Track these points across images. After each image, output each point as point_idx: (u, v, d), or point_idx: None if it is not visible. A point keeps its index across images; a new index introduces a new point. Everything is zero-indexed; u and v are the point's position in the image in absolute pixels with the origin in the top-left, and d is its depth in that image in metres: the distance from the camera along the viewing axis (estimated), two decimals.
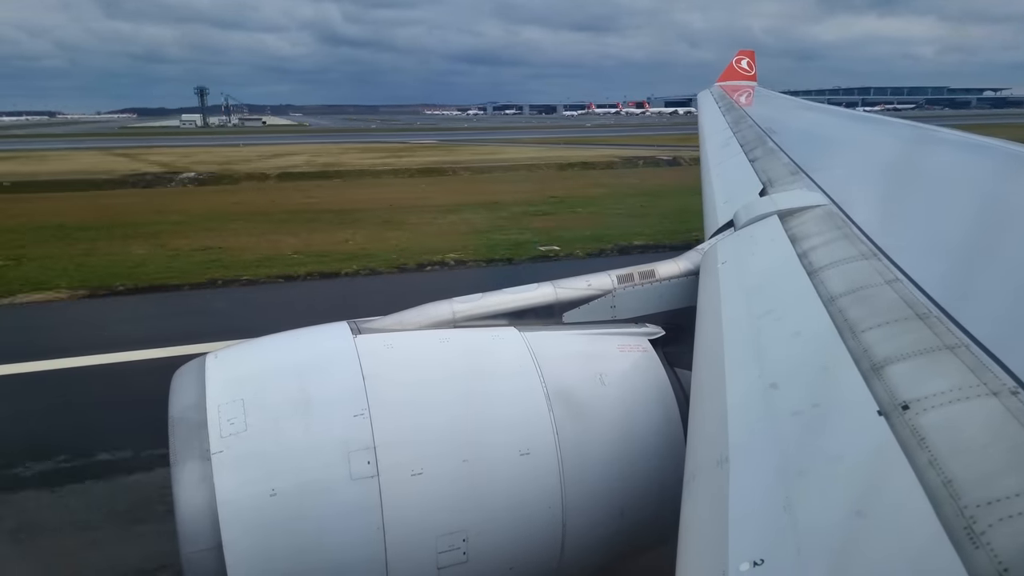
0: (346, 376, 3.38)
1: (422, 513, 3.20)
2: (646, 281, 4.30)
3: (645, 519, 3.66)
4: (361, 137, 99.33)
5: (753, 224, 4.49)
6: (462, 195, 33.87)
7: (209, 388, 3.35)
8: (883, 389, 2.07)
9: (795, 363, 2.61)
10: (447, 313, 3.96)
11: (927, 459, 1.72)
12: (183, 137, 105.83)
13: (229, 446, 3.11)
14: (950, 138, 7.05)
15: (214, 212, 28.81)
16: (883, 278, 2.85)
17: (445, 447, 3.29)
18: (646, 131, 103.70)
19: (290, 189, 37.73)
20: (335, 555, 3.12)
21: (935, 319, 2.37)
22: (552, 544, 3.47)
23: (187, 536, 3.00)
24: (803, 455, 2.05)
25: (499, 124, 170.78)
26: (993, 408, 1.83)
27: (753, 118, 11.47)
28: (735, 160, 7.97)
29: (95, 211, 29.12)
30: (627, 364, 3.85)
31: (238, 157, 57.98)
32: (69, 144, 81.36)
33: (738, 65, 23.85)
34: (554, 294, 4.16)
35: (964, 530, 1.49)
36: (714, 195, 6.67)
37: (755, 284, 3.58)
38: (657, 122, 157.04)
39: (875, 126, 10.12)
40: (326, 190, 36.87)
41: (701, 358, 3.08)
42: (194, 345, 13.19)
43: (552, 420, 3.46)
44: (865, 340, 2.38)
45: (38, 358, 12.33)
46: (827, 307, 2.77)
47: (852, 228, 3.69)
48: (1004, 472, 1.61)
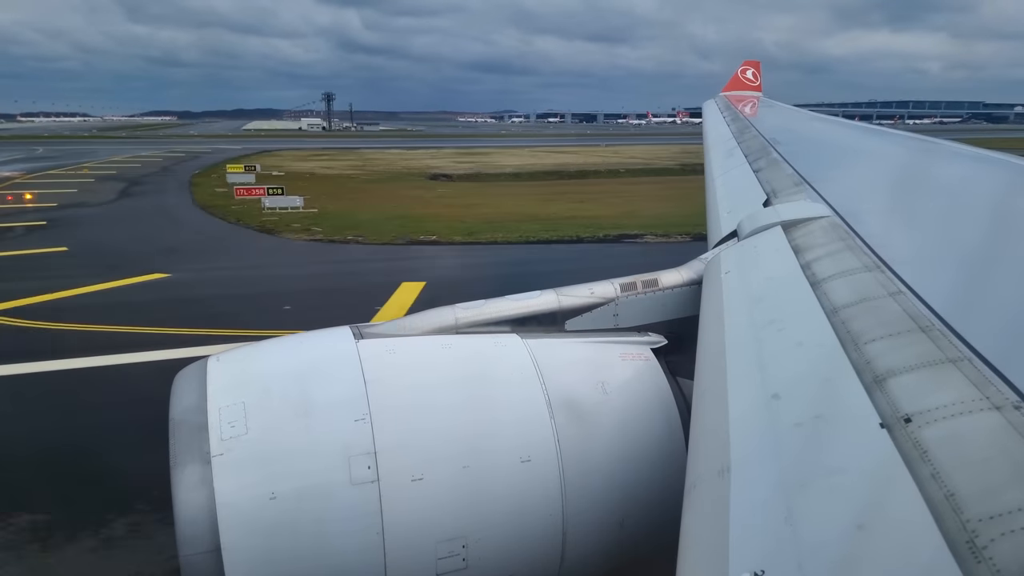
0: (348, 381, 3.38)
1: (422, 519, 3.19)
2: (649, 290, 4.30)
3: (646, 528, 3.64)
4: (478, 142, 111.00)
5: (757, 235, 4.49)
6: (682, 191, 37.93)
7: (210, 391, 3.35)
8: (885, 401, 2.07)
9: (797, 374, 2.60)
10: (450, 319, 3.96)
11: (929, 472, 1.71)
12: (340, 140, 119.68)
13: (229, 449, 3.11)
14: (953, 151, 7.05)
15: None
16: (886, 290, 2.85)
17: (446, 453, 3.29)
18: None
19: (572, 184, 49.50)
20: (334, 559, 3.11)
21: (938, 332, 2.37)
22: (552, 552, 3.46)
23: (186, 539, 2.99)
24: (805, 467, 2.04)
25: (569, 132, 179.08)
26: (996, 422, 1.82)
27: (757, 128, 11.48)
28: (739, 170, 7.97)
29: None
30: (629, 373, 3.85)
31: (470, 161, 69.48)
32: (241, 145, 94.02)
33: (743, 75, 23.89)
34: (557, 301, 4.16)
35: (966, 544, 1.48)
36: (718, 205, 6.68)
37: (758, 294, 3.58)
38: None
39: (879, 138, 10.13)
40: (594, 185, 48.31)
41: (703, 368, 3.07)
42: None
43: (553, 427, 3.45)
44: (868, 352, 2.38)
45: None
46: (830, 318, 2.77)
47: (855, 240, 3.68)
48: (1007, 486, 1.60)
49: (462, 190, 45.51)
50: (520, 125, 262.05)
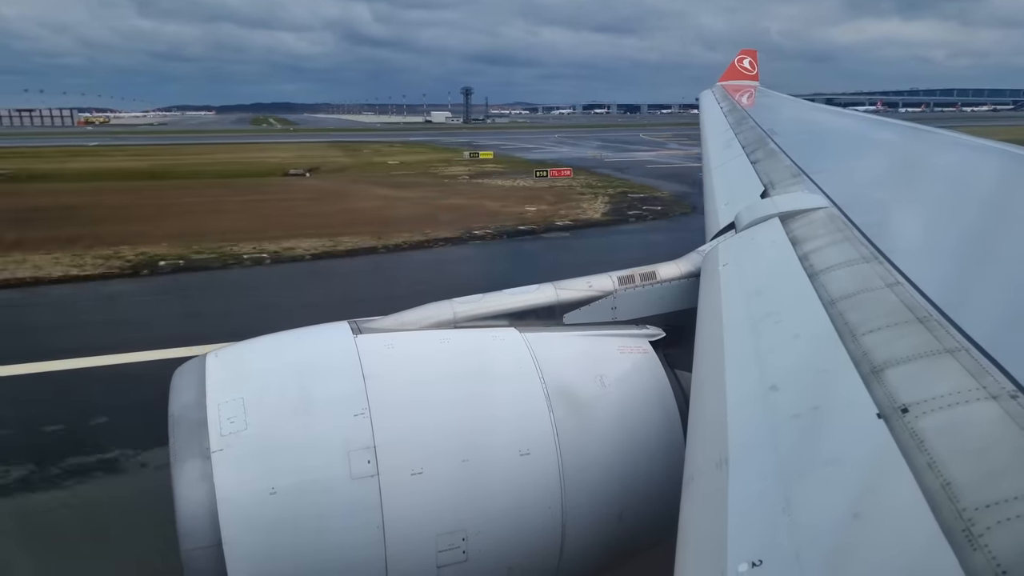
0: (347, 376, 3.39)
1: (422, 512, 3.21)
2: (647, 283, 4.30)
3: (644, 520, 3.66)
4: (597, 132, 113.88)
5: (754, 226, 4.49)
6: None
7: (209, 386, 3.35)
8: (883, 392, 2.07)
9: (795, 365, 2.61)
10: (448, 313, 3.96)
11: (926, 462, 1.72)
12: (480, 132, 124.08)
13: (229, 444, 3.12)
14: (950, 140, 7.05)
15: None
16: (884, 281, 2.85)
17: (445, 447, 3.30)
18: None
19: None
20: (335, 553, 3.13)
21: (935, 322, 2.38)
22: (551, 544, 3.47)
23: (187, 533, 3.01)
24: (802, 457, 2.05)
25: (623, 122, 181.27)
26: (992, 412, 1.83)
27: (755, 119, 11.46)
28: (737, 161, 7.96)
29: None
30: (627, 365, 3.85)
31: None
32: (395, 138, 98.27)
33: (740, 65, 23.79)
34: (555, 295, 4.16)
35: (962, 532, 1.49)
36: (715, 197, 6.67)
37: (756, 286, 3.58)
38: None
39: (876, 128, 10.12)
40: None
41: (701, 360, 3.08)
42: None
43: (552, 421, 3.46)
44: (865, 343, 2.39)
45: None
46: (827, 310, 2.78)
47: (853, 231, 3.69)
48: (1003, 475, 1.61)
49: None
50: (568, 116, 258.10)
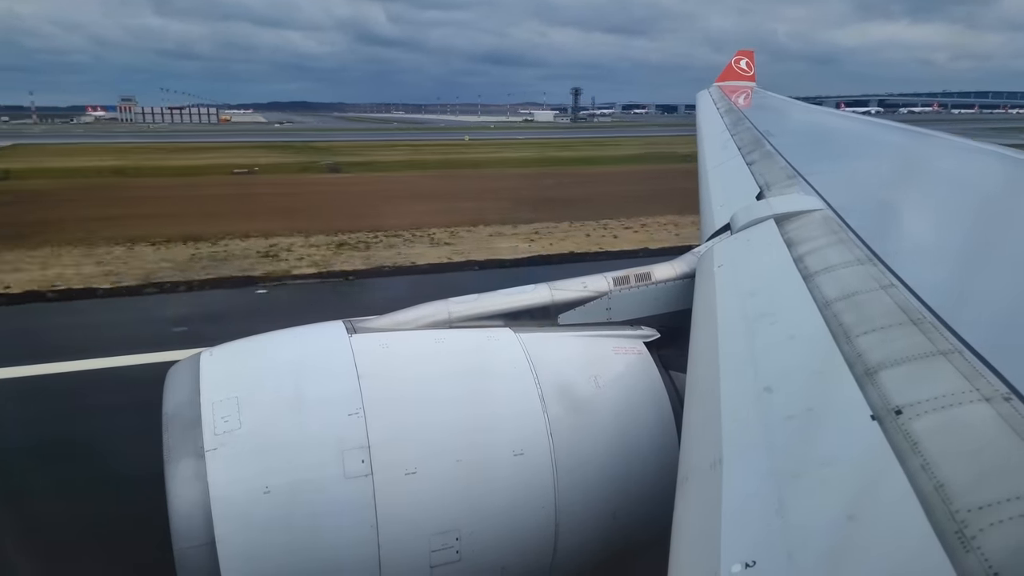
0: (341, 375, 3.38)
1: (415, 512, 3.20)
2: (642, 283, 4.30)
3: (638, 520, 3.66)
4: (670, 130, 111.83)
5: (749, 228, 4.50)
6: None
7: (203, 385, 3.34)
8: (877, 394, 2.08)
9: (789, 367, 2.61)
10: (443, 313, 3.96)
11: (919, 464, 1.73)
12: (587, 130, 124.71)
13: (223, 443, 3.11)
14: (946, 143, 7.07)
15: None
16: (878, 283, 2.86)
17: (439, 447, 3.29)
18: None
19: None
20: (328, 552, 3.12)
21: (929, 324, 2.38)
22: (545, 544, 3.47)
23: (180, 532, 2.99)
24: (796, 458, 2.06)
25: (664, 122, 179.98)
26: (985, 414, 1.83)
27: (751, 120, 11.48)
28: (733, 163, 7.97)
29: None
30: (622, 366, 3.85)
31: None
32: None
33: (737, 65, 23.79)
34: (550, 296, 4.16)
35: (955, 534, 1.49)
36: (711, 198, 6.68)
37: (751, 288, 3.59)
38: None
39: (872, 130, 10.15)
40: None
41: (696, 361, 3.08)
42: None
43: (546, 421, 3.46)
44: (859, 345, 2.39)
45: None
46: (822, 311, 2.78)
47: (848, 233, 3.70)
48: (996, 477, 1.62)
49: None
50: (609, 117, 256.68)
